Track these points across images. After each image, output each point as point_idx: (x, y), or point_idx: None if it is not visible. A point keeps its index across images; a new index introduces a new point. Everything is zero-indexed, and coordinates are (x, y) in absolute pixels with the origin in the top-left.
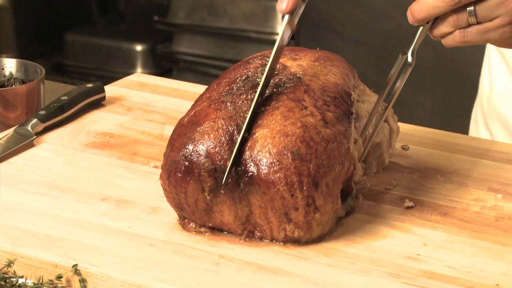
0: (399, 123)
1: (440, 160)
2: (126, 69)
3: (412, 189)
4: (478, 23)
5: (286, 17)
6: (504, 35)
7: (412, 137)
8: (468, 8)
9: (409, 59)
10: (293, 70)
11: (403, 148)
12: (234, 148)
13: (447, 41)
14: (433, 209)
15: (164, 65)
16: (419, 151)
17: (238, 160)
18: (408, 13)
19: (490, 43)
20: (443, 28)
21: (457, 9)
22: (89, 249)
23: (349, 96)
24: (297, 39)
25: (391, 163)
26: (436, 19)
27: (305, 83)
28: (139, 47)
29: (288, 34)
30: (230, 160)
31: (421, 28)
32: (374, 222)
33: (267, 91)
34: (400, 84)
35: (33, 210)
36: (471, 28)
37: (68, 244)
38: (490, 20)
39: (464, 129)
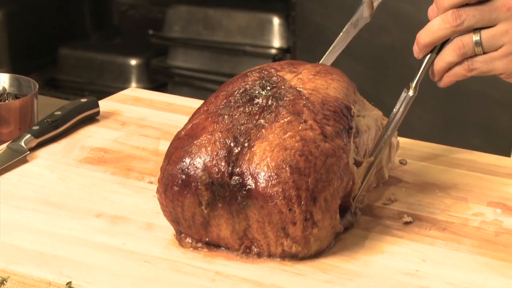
0: (398, 138)
1: (438, 174)
2: (120, 84)
3: (411, 204)
4: (484, 53)
5: None
6: (509, 65)
7: (411, 151)
8: (474, 38)
9: (411, 93)
10: (293, 84)
11: (401, 163)
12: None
13: (452, 72)
14: (432, 224)
15: (159, 80)
16: (418, 166)
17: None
18: (414, 46)
19: (496, 73)
20: (448, 57)
21: (462, 37)
22: (83, 266)
23: (349, 111)
24: (293, 52)
25: (389, 177)
26: (441, 50)
27: (305, 96)
28: (133, 61)
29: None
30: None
31: (426, 59)
32: (372, 237)
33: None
34: (402, 114)
35: (27, 226)
36: (477, 57)
37: (62, 261)
38: (495, 50)
39: (463, 143)
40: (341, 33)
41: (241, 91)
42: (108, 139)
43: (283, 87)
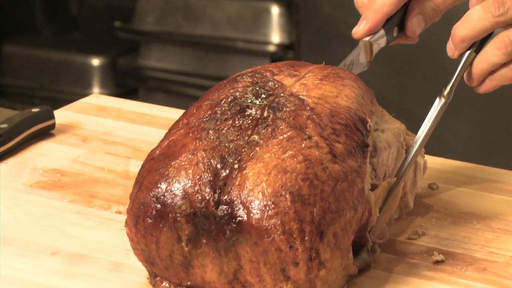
0: (426, 156)
1: (477, 202)
2: (80, 89)
3: (442, 238)
4: None
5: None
6: None
7: (443, 173)
8: None
9: (444, 99)
10: (294, 90)
11: (431, 188)
12: None
13: (497, 76)
14: (468, 263)
15: (128, 84)
16: (451, 191)
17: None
18: (449, 42)
19: None
20: (491, 57)
21: (509, 31)
22: None
23: (365, 124)
24: (297, 50)
25: (416, 206)
26: (481, 48)
27: (309, 106)
28: (96, 61)
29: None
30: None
31: (463, 60)
32: (395, 280)
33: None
34: (432, 126)
35: None
36: None
37: None
38: None
39: (508, 163)
40: None
41: (229, 100)
42: (66, 158)
43: (282, 94)
